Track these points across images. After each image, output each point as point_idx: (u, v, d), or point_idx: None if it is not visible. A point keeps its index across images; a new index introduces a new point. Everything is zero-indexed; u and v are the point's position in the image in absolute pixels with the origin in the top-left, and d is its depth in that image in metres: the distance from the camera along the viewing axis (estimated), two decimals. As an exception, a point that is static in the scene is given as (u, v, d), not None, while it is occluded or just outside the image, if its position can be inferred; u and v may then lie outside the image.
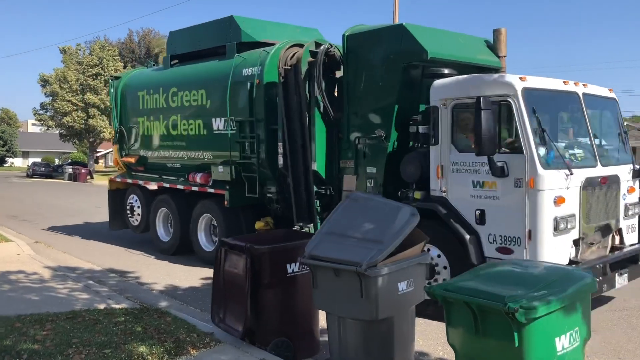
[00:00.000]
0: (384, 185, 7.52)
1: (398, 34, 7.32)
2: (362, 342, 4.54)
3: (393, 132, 7.44)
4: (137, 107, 11.81)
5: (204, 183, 9.97)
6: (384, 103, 7.51)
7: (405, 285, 4.58)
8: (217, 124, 9.79)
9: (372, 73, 7.63)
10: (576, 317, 3.86)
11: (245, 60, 9.33)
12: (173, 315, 6.43)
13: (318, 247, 4.66)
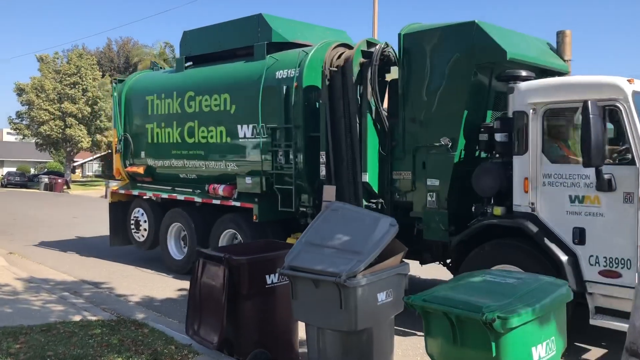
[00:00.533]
0: (448, 199, 6.61)
1: (469, 32, 6.47)
2: (341, 353, 4.52)
3: (461, 140, 6.56)
4: (145, 112, 10.70)
5: (228, 196, 8.93)
6: (451, 108, 6.64)
7: (384, 295, 4.56)
8: (244, 131, 8.78)
9: (436, 75, 6.77)
10: (552, 326, 3.90)
11: (279, 62, 8.38)
12: (150, 326, 6.32)
13: (297, 258, 4.60)
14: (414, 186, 6.97)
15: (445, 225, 6.58)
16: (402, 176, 7.11)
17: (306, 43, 8.90)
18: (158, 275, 9.97)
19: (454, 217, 6.67)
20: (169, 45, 48.63)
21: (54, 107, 40.53)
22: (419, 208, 6.93)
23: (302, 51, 7.97)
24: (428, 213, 6.79)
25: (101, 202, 28.54)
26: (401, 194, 7.14)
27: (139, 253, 11.66)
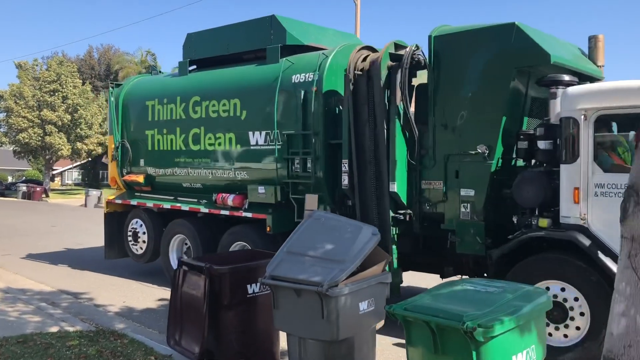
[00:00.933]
0: (484, 210, 6.19)
1: (509, 34, 6.07)
2: (323, 363, 4.19)
3: (498, 148, 6.14)
4: (144, 118, 10.07)
5: (238, 206, 8.37)
6: (488, 114, 6.23)
7: (366, 305, 4.54)
8: (256, 138, 8.25)
9: (471, 79, 6.36)
10: (533, 335, 3.90)
11: (295, 66, 7.88)
12: (130, 337, 6.24)
13: (279, 267, 4.57)
14: (445, 196, 6.52)
15: (481, 237, 6.14)
16: (432, 186, 6.66)
17: (321, 46, 8.43)
18: (139, 285, 9.71)
19: (490, 230, 6.21)
20: (150, 53, 47.92)
21: (33, 115, 39.32)
22: (451, 220, 6.48)
23: (322, 54, 7.46)
24: (462, 225, 6.34)
25: (81, 211, 27.89)
26: (431, 205, 6.68)
27: (121, 263, 11.22)
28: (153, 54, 46.75)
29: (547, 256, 5.72)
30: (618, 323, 3.20)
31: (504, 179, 6.25)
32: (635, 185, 3.17)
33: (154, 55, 47.53)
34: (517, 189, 5.90)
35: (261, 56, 8.68)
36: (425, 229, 6.87)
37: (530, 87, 6.35)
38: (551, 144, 5.76)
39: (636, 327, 3.09)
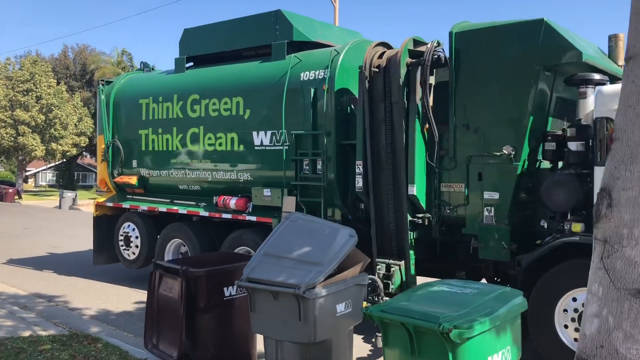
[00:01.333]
0: (509, 214, 5.91)
1: (537, 30, 5.79)
2: (300, 365, 4.16)
3: (525, 149, 5.87)
4: (138, 117, 9.56)
5: (241, 209, 7.94)
6: (514, 114, 5.93)
7: (343, 306, 4.55)
8: (261, 138, 7.83)
9: (496, 77, 6.05)
10: (508, 336, 3.94)
11: (303, 63, 7.49)
12: (104, 341, 6.14)
13: (256, 270, 4.55)
14: (467, 200, 6.20)
15: (507, 242, 5.83)
16: (452, 189, 6.34)
17: (328, 43, 8.08)
18: (114, 288, 9.51)
19: (515, 234, 5.93)
20: (126, 53, 46.96)
21: (5, 115, 38.03)
22: (474, 224, 6.16)
23: (334, 50, 7.10)
24: (485, 229, 6.04)
25: (55, 213, 27.06)
26: (451, 209, 6.35)
27: (97, 266, 10.81)
28: (129, 53, 45.71)
29: (582, 263, 5.42)
30: (590, 324, 3.22)
31: (529, 181, 5.95)
32: (607, 187, 3.15)
33: (130, 55, 46.50)
34: (547, 192, 5.61)
35: (263, 53, 8.26)
36: (443, 233, 6.54)
37: (555, 86, 6.06)
38: (583, 145, 5.48)
39: (608, 327, 3.11)
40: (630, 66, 3.13)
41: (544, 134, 5.94)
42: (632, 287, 3.07)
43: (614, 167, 3.18)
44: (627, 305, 3.06)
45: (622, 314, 3.07)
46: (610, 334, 3.12)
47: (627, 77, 3.14)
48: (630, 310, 3.04)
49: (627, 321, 3.05)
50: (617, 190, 3.15)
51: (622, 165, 3.14)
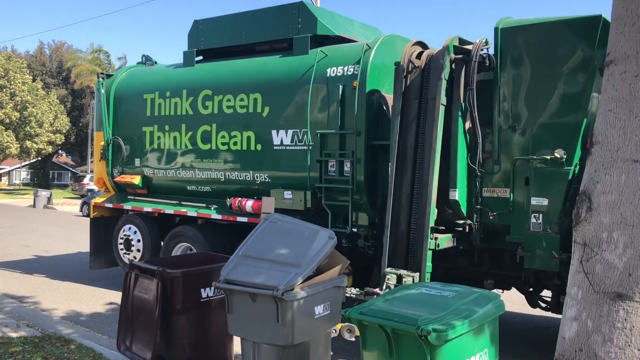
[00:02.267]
0: (560, 221, 5.58)
1: (594, 27, 5.57)
2: (277, 368, 4.86)
3: (577, 153, 5.56)
4: (142, 113, 9.46)
5: (258, 212, 7.52)
6: (568, 115, 5.90)
7: (321, 308, 4.69)
8: (281, 137, 7.59)
9: (547, 77, 6.18)
10: (486, 338, 4.10)
11: (330, 58, 7.46)
12: (78, 342, 6.25)
13: (234, 271, 4.70)
14: (512, 206, 5.88)
15: (557, 252, 5.49)
16: (496, 194, 6.06)
17: (351, 38, 7.87)
18: (89, 289, 9.78)
19: (565, 243, 5.57)
20: (103, 51, 45.87)
21: (-22, 112, 36.89)
22: (519, 232, 5.92)
23: (366, 45, 6.70)
24: (532, 238, 5.93)
25: (29, 212, 28.01)
26: (494, 215, 6.00)
27: (70, 265, 11.28)
28: (106, 52, 44.67)
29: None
30: (570, 327, 3.30)
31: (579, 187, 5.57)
32: (587, 191, 3.29)
33: (107, 53, 45.50)
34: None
35: (279, 47, 8.28)
36: (484, 241, 6.13)
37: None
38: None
39: (587, 331, 3.19)
40: (611, 71, 3.21)
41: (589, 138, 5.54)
42: (611, 290, 3.09)
43: (594, 170, 3.25)
44: (606, 309, 3.11)
45: (601, 317, 3.12)
46: (589, 338, 3.15)
47: (608, 81, 3.24)
48: (609, 313, 3.09)
49: (606, 324, 3.10)
50: (596, 194, 3.19)
51: (601, 169, 3.18)
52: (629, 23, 3.15)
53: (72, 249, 14.03)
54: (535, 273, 6.57)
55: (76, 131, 47.43)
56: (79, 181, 38.65)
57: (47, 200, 31.13)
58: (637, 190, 3.06)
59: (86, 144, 44.68)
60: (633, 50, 3.12)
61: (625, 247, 3.07)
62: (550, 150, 6.00)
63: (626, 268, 3.06)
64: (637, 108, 3.09)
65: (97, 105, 10.38)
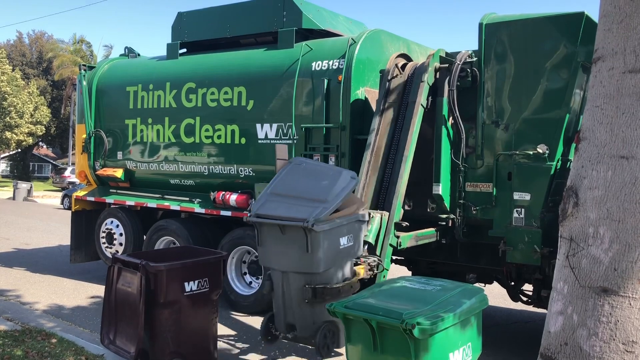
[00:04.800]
0: (542, 216, 5.62)
1: (577, 24, 5.53)
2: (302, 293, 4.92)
3: (559, 148, 5.59)
4: (125, 105, 9.35)
5: (242, 206, 7.47)
6: (550, 111, 5.94)
7: (346, 240, 4.97)
8: (265, 131, 7.51)
9: (530, 73, 6.23)
10: (470, 332, 4.13)
11: (315, 52, 7.36)
12: (59, 336, 6.20)
13: (263, 207, 4.98)
14: (494, 200, 5.89)
15: (539, 245, 5.53)
16: (478, 188, 6.02)
17: (337, 32, 7.79)
18: (71, 282, 9.64)
19: (547, 237, 5.60)
20: (85, 42, 45.15)
21: (-44, 102, 36.12)
22: (501, 226, 5.89)
23: (351, 39, 6.64)
24: (514, 232, 5.94)
25: (8, 204, 27.46)
26: (477, 209, 6.02)
27: (51, 259, 11.10)
28: (89, 42, 43.94)
29: None
30: (555, 321, 3.31)
31: (561, 182, 5.62)
32: (574, 186, 3.26)
33: (89, 44, 44.80)
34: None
35: (263, 41, 8.16)
36: (466, 235, 6.15)
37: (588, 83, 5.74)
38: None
39: (572, 325, 3.20)
40: (598, 67, 3.22)
41: (576, 133, 5.60)
42: (597, 285, 3.11)
43: (581, 166, 3.24)
44: (591, 303, 3.13)
45: (586, 311, 3.15)
46: (575, 332, 3.17)
47: (595, 77, 3.25)
48: (595, 308, 3.12)
49: (591, 319, 3.12)
50: (583, 189, 3.19)
51: (588, 165, 3.18)
52: (617, 20, 3.16)
53: (52, 242, 13.90)
54: (517, 267, 6.63)
55: (57, 123, 46.77)
56: (60, 174, 38.15)
57: (27, 192, 30.70)
58: (624, 186, 3.06)
59: (67, 136, 44.10)
60: (620, 46, 3.12)
61: (611, 242, 3.08)
62: (532, 146, 6.08)
63: (612, 263, 3.07)
64: (624, 104, 3.09)
65: (79, 98, 10.24)
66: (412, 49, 7.99)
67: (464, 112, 6.58)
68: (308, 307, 4.87)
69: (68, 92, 43.14)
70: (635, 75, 3.04)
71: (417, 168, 6.52)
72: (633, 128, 3.05)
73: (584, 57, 5.95)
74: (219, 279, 5.56)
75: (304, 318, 4.93)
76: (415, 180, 6.55)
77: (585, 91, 6.33)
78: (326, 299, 4.76)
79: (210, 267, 5.50)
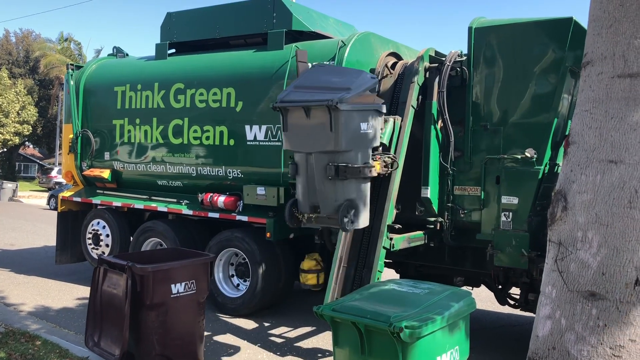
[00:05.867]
0: (529, 220, 5.63)
1: (565, 29, 5.56)
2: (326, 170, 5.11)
3: (547, 153, 5.61)
4: (112, 106, 9.30)
5: (230, 208, 7.49)
6: (539, 115, 5.92)
7: (365, 126, 5.13)
8: (254, 133, 7.48)
9: (519, 77, 6.21)
10: (457, 336, 4.13)
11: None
12: (43, 338, 6.15)
13: (288, 96, 5.15)
14: (482, 204, 5.93)
15: (526, 250, 5.53)
16: (467, 192, 6.05)
17: (327, 34, 7.74)
18: (55, 283, 9.57)
19: (535, 241, 5.62)
20: (74, 41, 44.72)
21: (-60, 100, 35.63)
22: (489, 229, 5.91)
23: (341, 41, 6.63)
24: (502, 235, 5.91)
25: None
26: (465, 213, 6.04)
27: (37, 260, 10.99)
28: (77, 42, 43.55)
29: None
30: (543, 325, 3.30)
31: (549, 186, 5.64)
32: (563, 190, 3.27)
33: (78, 43, 44.32)
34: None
35: (253, 42, 8.16)
36: (455, 238, 6.15)
37: (576, 88, 5.78)
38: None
39: (560, 329, 3.20)
40: (588, 72, 3.22)
41: (566, 137, 5.59)
42: (585, 289, 3.09)
43: (570, 170, 3.24)
44: (579, 308, 3.11)
45: (574, 316, 3.12)
46: (563, 336, 3.15)
47: (584, 82, 3.25)
48: (583, 312, 3.09)
49: (579, 323, 3.10)
50: (572, 193, 3.18)
51: (577, 169, 3.17)
52: (606, 25, 3.18)
53: (38, 243, 13.81)
54: (504, 271, 6.63)
55: (44, 122, 46.23)
56: (47, 174, 37.76)
57: (12, 192, 30.36)
58: (612, 190, 3.08)
59: (54, 136, 43.64)
60: (610, 51, 3.15)
61: (599, 247, 3.09)
62: (521, 150, 6.13)
63: (600, 267, 3.08)
64: (613, 109, 3.11)
65: (66, 97, 10.16)
66: (402, 52, 7.93)
67: (453, 115, 6.57)
68: (331, 185, 5.05)
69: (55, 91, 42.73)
70: (624, 79, 3.06)
71: (405, 170, 6.52)
72: (622, 132, 3.07)
73: (572, 62, 5.99)
74: (206, 281, 5.54)
75: (326, 196, 5.10)
76: (404, 182, 6.55)
77: (573, 96, 6.37)
78: (347, 177, 4.99)
79: (198, 269, 5.47)
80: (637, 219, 3.05)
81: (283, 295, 7.99)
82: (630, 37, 3.11)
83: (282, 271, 7.68)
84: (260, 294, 7.47)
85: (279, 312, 7.95)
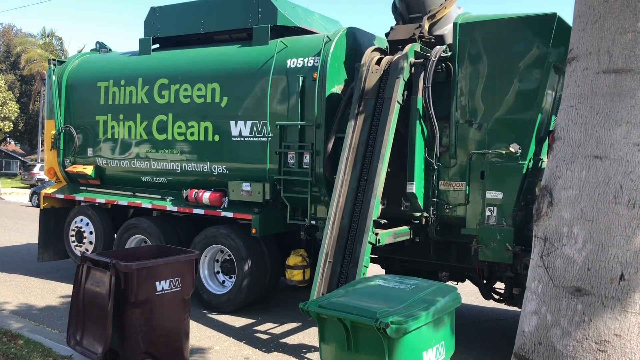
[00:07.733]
0: (514, 215, 5.67)
1: (549, 24, 5.57)
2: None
3: (531, 148, 5.63)
4: (95, 101, 9.20)
5: (215, 204, 7.43)
6: (523, 110, 5.95)
7: None
8: (240, 129, 7.44)
9: (503, 72, 6.25)
10: (443, 331, 4.16)
11: (290, 49, 7.22)
12: (26, 337, 6.09)
13: None
14: (467, 199, 5.95)
15: (511, 244, 5.55)
16: (452, 187, 6.05)
17: (312, 30, 7.73)
18: (37, 281, 9.46)
19: (519, 236, 5.63)
20: (56, 37, 44.10)
21: None
22: (474, 224, 5.93)
23: (327, 37, 6.59)
24: (487, 230, 5.95)
25: None
26: (450, 208, 6.05)
27: (19, 257, 10.87)
28: (59, 37, 42.94)
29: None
30: (529, 321, 3.30)
31: (533, 181, 5.65)
32: (548, 186, 3.26)
33: (59, 39, 43.71)
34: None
35: (238, 37, 8.08)
36: (440, 233, 6.16)
37: (560, 84, 5.81)
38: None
39: (546, 324, 3.21)
40: (573, 67, 3.21)
41: (550, 133, 5.61)
42: (571, 284, 3.09)
43: (555, 166, 3.22)
44: (565, 303, 3.11)
45: (560, 311, 3.13)
46: (548, 331, 3.15)
47: (570, 77, 3.25)
48: (568, 307, 3.10)
49: (565, 318, 3.11)
50: (558, 189, 3.17)
51: (563, 165, 3.16)
52: (591, 20, 3.18)
53: (20, 240, 13.63)
54: (489, 265, 6.66)
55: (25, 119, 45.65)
56: (29, 170, 37.32)
57: (-7, 189, 30.03)
58: (597, 185, 3.09)
59: (36, 132, 43.12)
60: (595, 47, 3.15)
61: (584, 242, 3.09)
62: (505, 145, 6.11)
63: (585, 263, 3.08)
64: (598, 104, 3.12)
65: (48, 93, 10.02)
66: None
67: (439, 110, 6.53)
68: None
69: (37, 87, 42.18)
70: (609, 75, 3.06)
71: (391, 165, 6.47)
72: (607, 128, 3.08)
73: (556, 58, 6.00)
74: (191, 278, 5.50)
75: None
76: (390, 178, 6.51)
77: (557, 91, 6.39)
78: None
79: (182, 266, 5.43)
80: (622, 215, 3.06)
81: (269, 292, 7.97)
82: (615, 32, 3.12)
83: (267, 267, 7.64)
84: (246, 290, 7.46)
85: (264, 308, 7.93)
